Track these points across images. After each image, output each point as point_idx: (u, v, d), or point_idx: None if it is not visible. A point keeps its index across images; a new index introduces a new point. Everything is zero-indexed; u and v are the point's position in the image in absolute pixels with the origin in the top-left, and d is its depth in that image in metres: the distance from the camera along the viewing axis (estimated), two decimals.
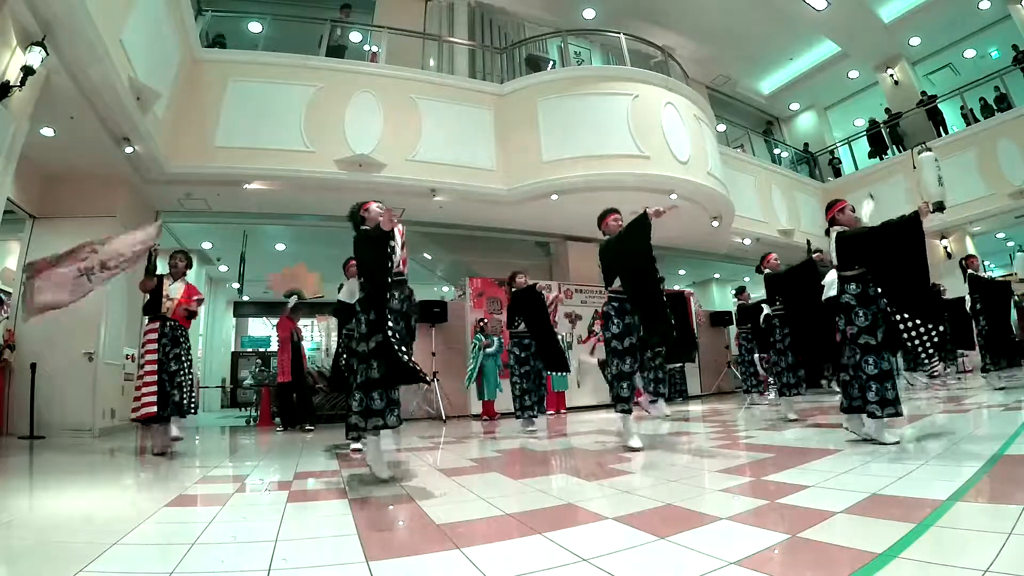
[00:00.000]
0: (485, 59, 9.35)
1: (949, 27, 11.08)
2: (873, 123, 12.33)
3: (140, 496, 2.91)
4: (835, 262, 3.54)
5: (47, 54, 4.03)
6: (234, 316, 15.24)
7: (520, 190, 7.67)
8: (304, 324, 9.41)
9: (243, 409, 11.32)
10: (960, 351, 8.45)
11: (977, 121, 10.45)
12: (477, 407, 7.85)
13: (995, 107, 10.41)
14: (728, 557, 1.46)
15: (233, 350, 15.06)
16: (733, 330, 9.90)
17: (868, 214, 4.76)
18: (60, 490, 2.86)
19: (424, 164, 7.27)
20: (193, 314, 4.69)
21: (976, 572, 1.24)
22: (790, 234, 10.77)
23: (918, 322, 3.19)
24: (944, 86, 11.78)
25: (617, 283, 3.90)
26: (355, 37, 8.78)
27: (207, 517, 2.21)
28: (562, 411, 8.17)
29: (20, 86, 3.93)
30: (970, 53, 11.71)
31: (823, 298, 4.06)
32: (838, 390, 4.08)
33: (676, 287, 13.66)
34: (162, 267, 4.76)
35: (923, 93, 11.57)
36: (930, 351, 3.24)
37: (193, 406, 4.57)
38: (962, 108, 10.94)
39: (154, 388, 4.26)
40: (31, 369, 5.54)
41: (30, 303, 4.00)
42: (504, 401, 7.04)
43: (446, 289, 12.23)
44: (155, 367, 4.31)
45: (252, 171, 6.69)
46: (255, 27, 8.26)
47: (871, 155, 12.30)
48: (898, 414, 3.22)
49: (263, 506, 2.58)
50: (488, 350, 7.53)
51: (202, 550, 1.75)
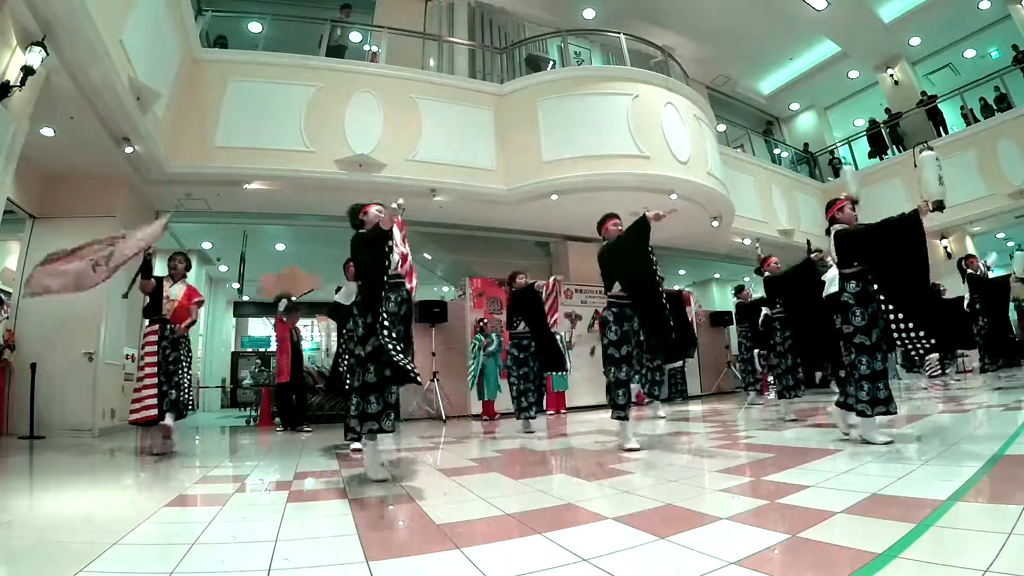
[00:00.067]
0: (485, 59, 9.35)
1: (949, 27, 11.08)
2: (873, 123, 12.33)
3: (140, 496, 2.91)
4: (835, 260, 3.55)
5: (47, 54, 4.03)
6: (234, 316, 15.25)
7: (520, 190, 7.66)
8: (304, 324, 9.41)
9: (243, 409, 11.32)
10: (960, 351, 8.44)
11: (977, 121, 10.45)
12: (477, 407, 7.84)
13: (995, 107, 10.41)
14: (728, 557, 1.47)
15: (233, 350, 15.06)
16: (733, 330, 9.90)
17: (855, 188, 4.75)
18: (60, 490, 2.86)
19: (424, 164, 7.27)
20: (192, 322, 4.70)
21: (976, 572, 1.24)
22: (790, 234, 10.77)
23: (911, 325, 3.18)
24: (944, 86, 11.78)
25: (616, 288, 3.89)
26: (355, 37, 8.78)
27: (207, 517, 2.21)
28: (562, 411, 8.17)
29: (20, 86, 3.93)
30: (970, 53, 11.70)
31: (824, 294, 4.05)
32: (837, 390, 4.07)
33: (676, 287, 13.67)
34: (161, 268, 4.76)
35: (923, 93, 11.57)
36: (922, 353, 3.23)
37: (190, 406, 4.57)
38: (962, 108, 10.94)
39: (154, 391, 4.27)
40: (31, 369, 5.54)
41: (35, 283, 3.91)
42: (504, 401, 7.04)
43: (446, 289, 12.23)
44: (155, 370, 4.32)
45: (252, 171, 6.69)
46: (255, 27, 8.26)
47: (871, 155, 12.30)
48: (890, 412, 3.23)
49: (263, 506, 2.58)
50: (488, 348, 7.53)
51: (202, 550, 1.76)
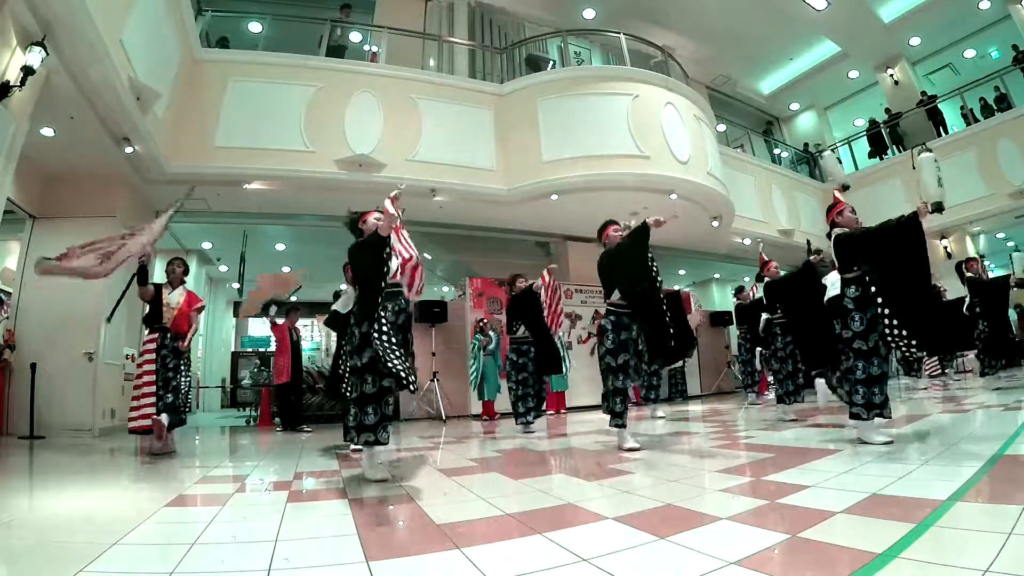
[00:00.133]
0: (485, 59, 9.35)
1: (949, 27, 11.08)
2: (873, 123, 12.33)
3: (140, 496, 2.90)
4: (836, 264, 3.55)
5: (47, 54, 4.03)
6: (234, 316, 15.23)
7: (520, 190, 7.66)
8: (304, 324, 9.40)
9: (242, 409, 11.32)
10: (959, 351, 8.43)
11: (977, 121, 10.46)
12: (477, 407, 7.85)
13: (995, 107, 10.42)
14: (728, 557, 1.47)
15: (233, 350, 15.04)
16: (734, 330, 9.90)
17: (837, 173, 4.74)
18: (60, 490, 2.86)
19: (424, 164, 7.27)
20: (195, 331, 4.73)
21: (976, 572, 1.24)
22: (790, 234, 10.77)
23: (904, 332, 3.18)
24: (944, 86, 11.79)
25: (616, 296, 3.90)
26: (355, 37, 8.78)
27: (207, 517, 2.21)
28: (562, 411, 8.17)
29: (20, 86, 3.93)
30: (970, 53, 11.71)
31: (826, 298, 4.05)
32: (839, 397, 4.07)
33: (676, 287, 13.65)
34: (159, 275, 4.76)
35: (923, 93, 11.57)
36: (911, 357, 3.23)
37: (187, 410, 4.56)
38: (962, 108, 10.94)
39: (152, 400, 4.28)
40: (31, 369, 5.54)
41: (46, 267, 4.00)
42: (504, 401, 7.04)
43: (446, 289, 12.22)
44: (153, 378, 4.33)
45: (252, 171, 6.69)
46: (255, 27, 8.26)
47: (871, 155, 12.31)
48: (884, 416, 3.24)
49: (263, 506, 2.58)
50: (487, 347, 7.53)
51: (202, 550, 1.76)
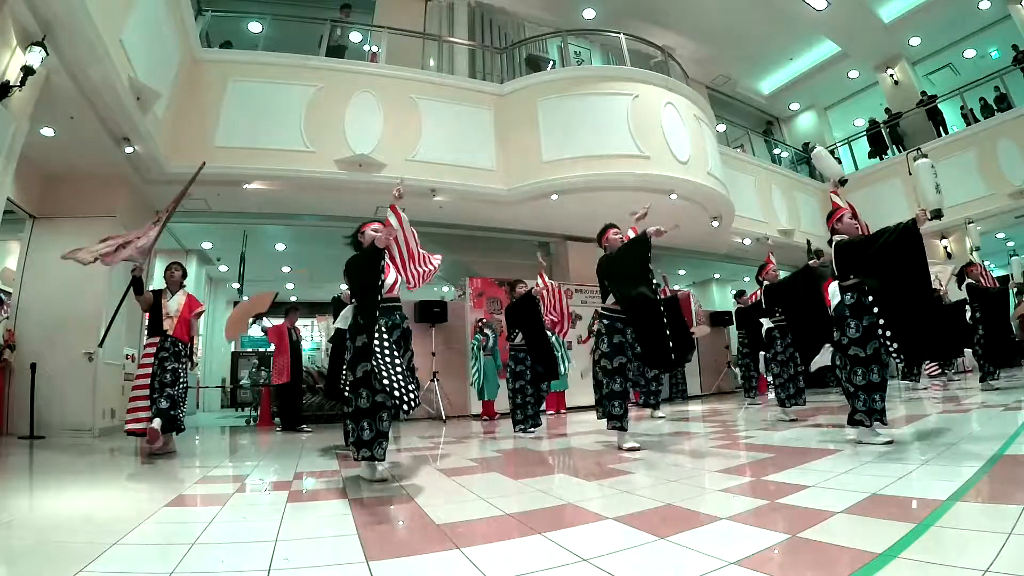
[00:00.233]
0: (485, 59, 9.34)
1: (949, 27, 11.08)
2: (873, 123, 12.32)
3: (140, 496, 2.90)
4: (835, 272, 3.54)
5: (47, 54, 4.03)
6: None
7: (520, 190, 7.66)
8: (304, 324, 9.40)
9: (242, 409, 11.32)
10: (949, 357, 8.40)
11: (977, 121, 10.45)
12: (477, 407, 7.85)
13: (995, 107, 10.41)
14: (728, 557, 1.47)
15: (233, 350, 15.03)
16: (733, 330, 9.90)
17: (832, 168, 4.72)
18: (60, 490, 2.86)
19: (424, 164, 7.27)
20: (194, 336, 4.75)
21: (976, 572, 1.24)
22: (790, 234, 10.77)
23: (895, 346, 3.18)
24: (944, 86, 11.79)
25: (610, 300, 3.92)
26: (355, 37, 8.78)
27: (207, 517, 2.21)
28: (562, 411, 8.17)
29: (20, 86, 3.93)
30: (970, 53, 11.70)
31: (832, 307, 4.03)
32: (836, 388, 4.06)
33: (676, 287, 13.60)
34: (159, 270, 4.76)
35: (923, 93, 11.57)
36: (900, 362, 3.24)
37: (182, 417, 4.54)
38: (962, 108, 10.94)
39: (147, 403, 4.29)
40: (31, 369, 5.54)
41: (70, 254, 4.30)
42: (504, 401, 7.04)
43: (446, 289, 12.22)
44: (148, 381, 4.33)
45: (252, 171, 6.68)
46: (255, 27, 8.25)
47: (871, 155, 12.30)
48: (883, 423, 3.26)
49: (263, 506, 2.58)
50: (486, 346, 7.53)
51: (202, 550, 1.76)
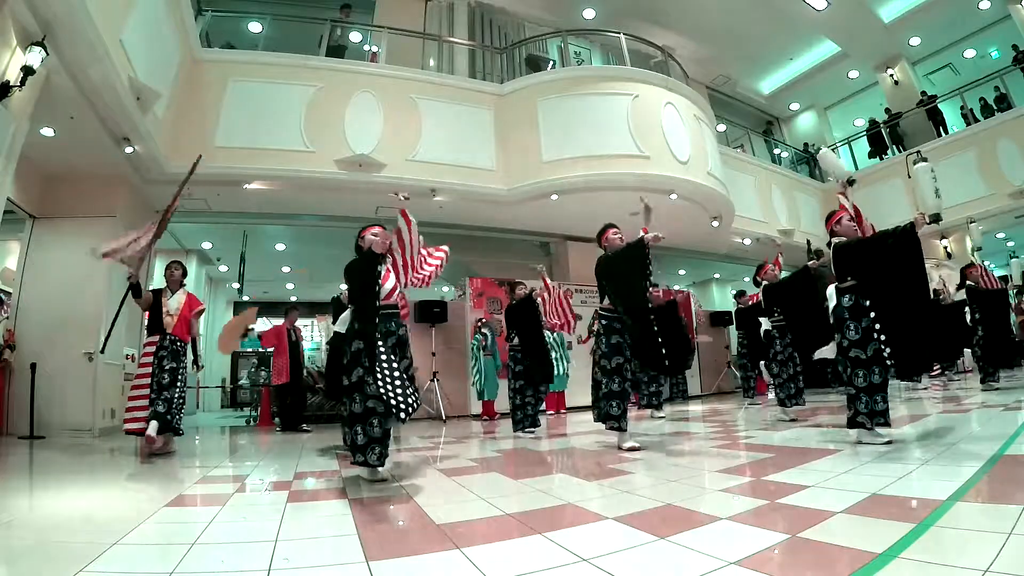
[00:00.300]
0: (485, 59, 9.34)
1: (949, 27, 11.08)
2: (873, 123, 12.32)
3: (140, 496, 2.90)
4: (834, 274, 3.54)
5: (47, 54, 4.03)
6: (234, 316, 15.22)
7: (520, 190, 7.66)
8: (303, 324, 9.39)
9: (242, 409, 11.32)
10: (944, 362, 8.38)
11: (977, 121, 10.45)
12: (477, 407, 7.85)
13: (995, 107, 10.41)
14: (728, 557, 1.47)
15: (233, 350, 15.04)
16: (733, 330, 9.90)
17: (838, 169, 4.70)
18: (60, 490, 2.86)
19: (424, 164, 7.27)
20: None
21: (976, 572, 1.24)
22: (790, 234, 10.76)
23: (888, 351, 3.19)
24: (944, 86, 11.78)
25: (607, 301, 3.93)
26: (355, 37, 8.78)
27: (207, 517, 2.21)
28: (562, 411, 8.17)
29: (20, 86, 3.93)
30: (970, 53, 11.70)
31: (831, 310, 4.04)
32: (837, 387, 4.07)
33: (676, 287, 13.63)
34: (159, 270, 4.77)
35: (923, 93, 11.57)
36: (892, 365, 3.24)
37: (178, 423, 4.54)
38: (962, 108, 10.94)
39: (145, 403, 4.29)
40: (31, 369, 5.54)
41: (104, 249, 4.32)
42: (504, 401, 7.04)
43: (446, 289, 12.22)
44: (147, 381, 4.34)
45: (252, 171, 6.68)
46: (255, 27, 8.26)
47: (871, 155, 12.30)
48: (886, 424, 3.26)
49: (263, 506, 2.58)
50: (485, 345, 7.53)
51: (202, 550, 1.76)
